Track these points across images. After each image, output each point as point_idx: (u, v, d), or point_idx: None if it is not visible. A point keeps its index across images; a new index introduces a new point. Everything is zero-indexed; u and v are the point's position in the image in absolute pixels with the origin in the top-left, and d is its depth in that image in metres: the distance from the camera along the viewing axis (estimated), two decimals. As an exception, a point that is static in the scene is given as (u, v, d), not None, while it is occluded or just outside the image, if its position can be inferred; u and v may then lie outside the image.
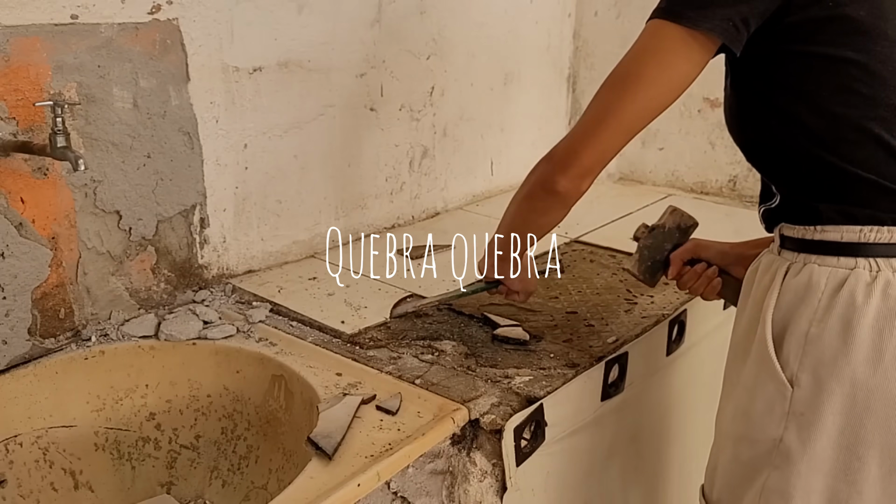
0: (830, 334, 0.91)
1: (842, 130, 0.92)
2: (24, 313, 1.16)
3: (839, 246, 0.93)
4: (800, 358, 0.93)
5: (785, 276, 0.97)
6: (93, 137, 1.19)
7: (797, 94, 0.94)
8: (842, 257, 0.93)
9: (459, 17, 1.80)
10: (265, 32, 1.41)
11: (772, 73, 0.95)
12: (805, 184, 0.97)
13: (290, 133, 1.50)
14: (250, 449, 1.22)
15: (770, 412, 0.96)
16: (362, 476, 0.91)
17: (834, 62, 0.91)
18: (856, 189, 0.93)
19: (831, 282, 0.92)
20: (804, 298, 0.94)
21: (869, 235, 0.92)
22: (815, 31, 0.91)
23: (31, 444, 1.14)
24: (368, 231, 1.73)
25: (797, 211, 0.98)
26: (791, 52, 0.93)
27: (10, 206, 1.12)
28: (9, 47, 1.08)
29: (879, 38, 0.90)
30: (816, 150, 0.94)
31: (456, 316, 1.33)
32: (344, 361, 1.17)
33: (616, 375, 1.24)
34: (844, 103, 0.91)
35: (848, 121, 0.91)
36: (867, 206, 0.92)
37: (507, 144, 2.06)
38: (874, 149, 0.91)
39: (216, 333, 1.24)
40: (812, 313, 0.93)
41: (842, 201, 0.94)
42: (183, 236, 1.35)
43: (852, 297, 0.91)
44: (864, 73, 0.90)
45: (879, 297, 0.90)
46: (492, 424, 1.04)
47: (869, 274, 0.91)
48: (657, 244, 1.22)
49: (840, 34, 0.90)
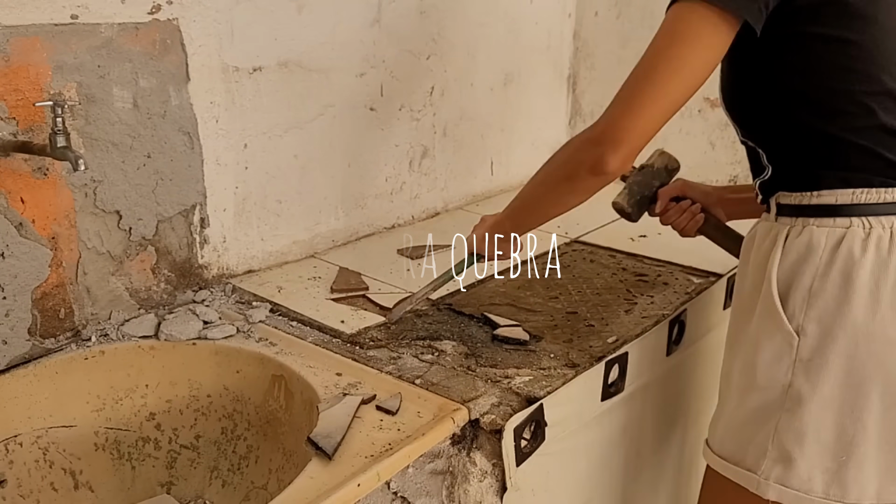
0: (832, 286, 1.01)
1: (840, 103, 1.01)
2: (24, 313, 1.16)
3: (834, 208, 1.03)
4: (805, 310, 1.03)
5: (786, 239, 1.05)
6: (93, 137, 1.19)
7: (801, 72, 1.03)
8: (838, 218, 1.02)
9: (459, 17, 1.80)
10: (265, 32, 1.41)
11: (779, 53, 1.03)
12: (804, 152, 1.05)
13: (290, 133, 1.50)
14: (250, 449, 1.22)
15: (778, 361, 1.05)
16: (362, 476, 0.91)
17: (834, 42, 1.00)
18: (850, 155, 1.02)
19: (830, 240, 1.02)
20: (806, 257, 1.03)
21: (861, 196, 1.01)
22: (818, 13, 1.00)
23: (31, 444, 1.14)
24: (368, 231, 1.73)
25: (794, 179, 1.06)
26: (798, 33, 1.01)
27: (10, 206, 1.12)
28: (9, 47, 1.08)
29: (872, 22, 1.01)
30: (816, 122, 1.03)
31: (456, 316, 1.33)
32: (344, 361, 1.17)
33: (616, 375, 1.24)
34: (843, 79, 1.01)
35: (846, 95, 1.01)
36: (859, 170, 1.02)
37: (507, 144, 2.06)
38: (868, 119, 1.01)
39: (216, 333, 1.24)
40: (814, 269, 1.02)
41: (837, 167, 1.03)
42: (183, 236, 1.35)
43: (850, 252, 1.00)
44: (860, 52, 1.00)
45: (874, 251, 1.00)
46: (492, 424, 1.04)
47: (863, 231, 1.00)
48: (646, 181, 1.30)
49: (839, 17, 1.00)
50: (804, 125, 1.04)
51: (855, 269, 1.00)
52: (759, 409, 1.08)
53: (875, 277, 1.00)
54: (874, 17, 1.01)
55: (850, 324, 1.00)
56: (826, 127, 1.03)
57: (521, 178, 2.14)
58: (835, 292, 1.01)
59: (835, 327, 1.01)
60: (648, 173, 1.29)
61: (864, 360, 1.01)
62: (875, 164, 1.02)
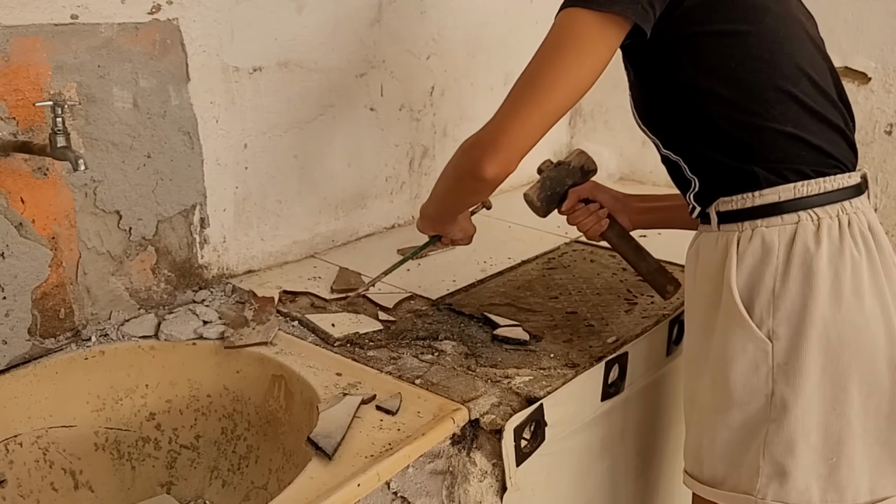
0: (795, 284, 0.99)
1: (756, 92, 1.01)
2: (24, 313, 1.16)
3: (779, 205, 1.02)
4: (772, 313, 1.01)
5: (738, 245, 1.03)
6: (93, 137, 1.19)
7: (708, 70, 1.02)
8: (785, 215, 1.01)
9: (459, 17, 1.80)
10: (265, 32, 1.41)
11: (680, 55, 1.03)
12: (735, 152, 1.04)
13: (290, 133, 1.50)
14: (250, 449, 1.22)
15: (755, 371, 1.02)
16: (362, 476, 0.91)
17: (733, 36, 1.01)
18: (778, 145, 1.02)
19: (783, 239, 1.01)
20: (763, 260, 1.01)
21: (802, 190, 1.01)
22: (711, 11, 1.01)
23: (31, 444, 1.14)
24: (368, 231, 1.73)
25: (728, 182, 1.05)
26: (695, 32, 1.01)
27: (10, 206, 1.12)
28: (9, 47, 1.08)
29: (766, 12, 1.03)
30: (736, 118, 1.02)
31: (456, 316, 1.33)
32: (344, 361, 1.17)
33: (616, 375, 1.24)
34: (752, 69, 1.01)
35: (759, 84, 1.01)
36: (791, 160, 1.02)
37: (507, 144, 2.06)
38: (787, 103, 1.02)
39: (216, 333, 1.24)
40: (774, 270, 1.01)
41: (769, 160, 1.02)
42: (183, 236, 1.35)
43: (806, 247, 1.00)
44: (761, 41, 1.01)
45: (827, 241, 0.99)
46: (492, 424, 1.04)
47: (812, 224, 1.00)
48: (560, 177, 1.29)
49: (732, 12, 1.01)
50: (725, 124, 1.03)
51: (814, 263, 0.99)
52: (743, 427, 1.04)
53: (834, 267, 0.99)
54: (766, 6, 1.03)
55: (819, 318, 0.99)
56: (748, 121, 1.02)
57: (520, 178, 2.13)
58: (798, 290, 0.99)
59: (805, 325, 0.99)
60: (563, 170, 1.29)
61: (837, 352, 0.99)
62: (805, 153, 1.02)
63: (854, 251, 1.00)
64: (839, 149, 1.05)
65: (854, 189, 1.04)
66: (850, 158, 1.07)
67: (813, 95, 1.03)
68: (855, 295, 0.99)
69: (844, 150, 1.06)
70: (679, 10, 1.00)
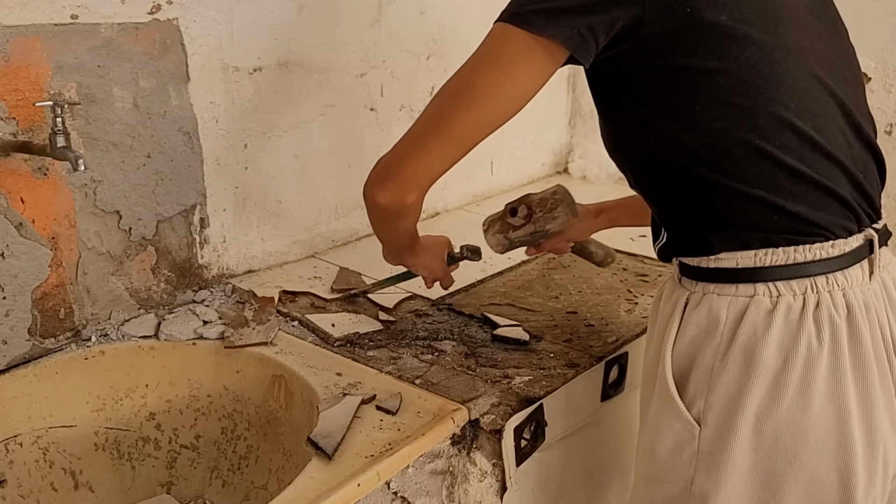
0: (734, 368, 0.87)
1: (721, 146, 0.85)
2: (24, 313, 1.16)
3: (736, 273, 0.88)
4: (705, 395, 0.88)
5: (685, 309, 0.92)
6: (93, 137, 1.19)
7: (667, 112, 0.87)
8: (740, 284, 0.88)
9: (459, 17, 1.80)
10: (265, 32, 1.41)
11: (637, 92, 0.88)
12: (693, 209, 0.90)
13: (290, 133, 1.50)
14: (250, 449, 1.22)
15: (679, 452, 0.91)
16: (362, 476, 0.91)
17: (699, 74, 0.84)
18: (744, 209, 0.87)
19: (732, 312, 0.87)
20: (707, 332, 0.89)
21: (765, 259, 0.87)
22: (674, 42, 0.84)
23: (31, 444, 1.14)
24: (368, 231, 1.73)
25: (688, 243, 0.92)
26: (652, 67, 0.86)
27: (10, 206, 1.12)
28: (9, 47, 1.08)
29: (746, 44, 0.84)
30: (698, 169, 0.87)
31: (456, 316, 1.33)
32: (344, 361, 1.17)
33: (616, 375, 1.24)
34: (719, 117, 0.85)
35: (726, 135, 0.85)
36: (758, 228, 0.87)
37: (507, 144, 2.06)
38: (758, 162, 0.85)
39: (216, 333, 1.24)
40: (716, 347, 0.88)
41: (731, 226, 0.88)
42: (183, 236, 1.35)
43: (753, 328, 0.86)
44: (734, 82, 0.84)
45: (781, 325, 0.85)
46: (492, 424, 1.04)
47: (770, 300, 0.86)
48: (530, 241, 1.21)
49: (701, 43, 0.84)
50: (683, 177, 0.88)
51: (758, 348, 0.85)
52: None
53: (783, 356, 0.85)
54: (748, 36, 0.84)
55: (753, 411, 0.85)
56: (709, 177, 0.86)
57: (521, 178, 2.14)
58: (736, 375, 0.86)
59: (736, 416, 0.86)
60: (539, 235, 1.17)
61: (770, 453, 0.86)
62: (776, 219, 0.86)
63: (814, 340, 0.84)
64: (827, 213, 0.87)
65: (840, 260, 0.87)
66: (842, 224, 0.88)
67: (798, 151, 0.85)
68: (802, 392, 0.84)
69: (836, 215, 0.87)
70: (631, 41, 0.84)
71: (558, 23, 0.84)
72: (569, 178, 2.22)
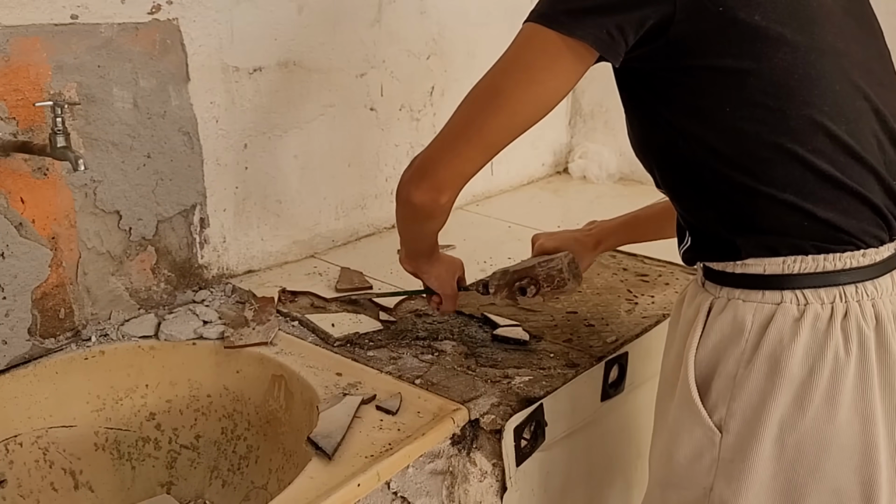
0: (758, 376, 0.85)
1: (751, 148, 0.84)
2: (24, 313, 1.16)
3: (763, 279, 0.86)
4: (727, 402, 0.87)
5: (709, 313, 0.90)
6: (93, 137, 1.19)
7: (697, 113, 0.86)
8: (767, 291, 0.86)
9: (459, 17, 1.80)
10: (265, 32, 1.41)
11: (666, 92, 0.87)
12: (720, 213, 0.89)
13: (290, 133, 1.50)
14: (250, 449, 1.22)
15: (699, 459, 0.90)
16: (362, 476, 0.91)
17: (730, 74, 0.83)
18: (773, 214, 0.85)
19: (757, 319, 0.86)
20: (731, 338, 0.88)
21: (793, 266, 0.85)
22: (705, 41, 0.83)
23: (31, 444, 1.14)
24: (368, 231, 1.73)
25: (714, 247, 0.91)
26: (682, 66, 0.84)
27: (10, 206, 1.12)
28: (9, 47, 1.08)
29: (780, 45, 0.82)
30: (727, 171, 0.85)
31: (456, 316, 1.33)
32: (344, 361, 1.17)
33: (616, 375, 1.24)
34: (750, 119, 0.83)
35: (757, 138, 0.83)
36: (787, 234, 0.85)
37: (507, 144, 2.06)
38: (790, 166, 0.83)
39: (216, 333, 1.24)
40: (740, 354, 0.87)
41: (760, 231, 0.86)
42: (183, 236, 1.35)
43: (780, 336, 0.84)
44: (766, 84, 0.82)
45: (808, 334, 0.83)
46: (492, 424, 1.04)
47: (797, 308, 0.84)
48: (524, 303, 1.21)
49: (733, 43, 0.82)
50: (712, 179, 0.87)
51: (784, 357, 0.83)
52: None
53: (808, 366, 0.83)
54: (783, 37, 0.82)
55: (777, 420, 0.84)
56: (739, 180, 0.85)
57: (521, 178, 2.14)
58: (760, 383, 0.85)
59: (759, 424, 0.84)
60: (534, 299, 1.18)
61: (793, 463, 0.84)
62: (807, 225, 0.84)
63: (841, 351, 0.83)
64: (859, 221, 0.85)
65: (870, 270, 0.85)
66: (873, 232, 0.86)
67: (831, 155, 0.83)
68: (828, 403, 0.83)
69: (867, 223, 0.85)
70: (662, 39, 0.82)
71: (587, 23, 0.83)
72: (569, 178, 2.22)
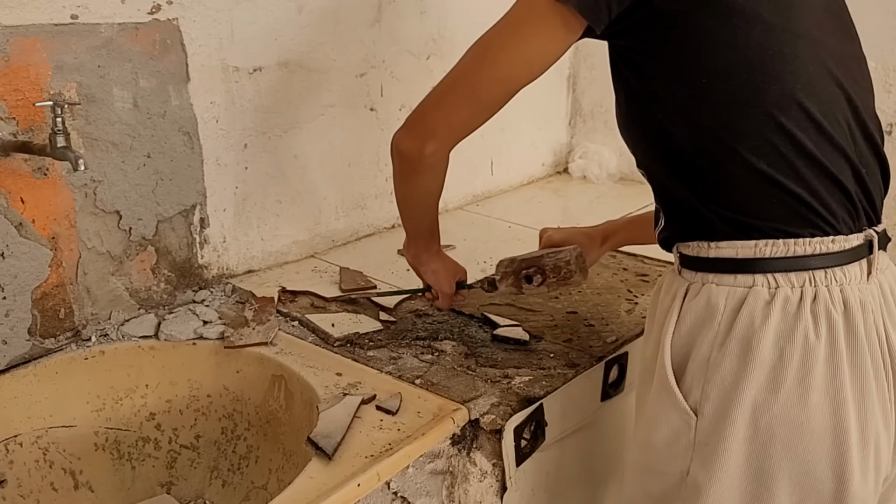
0: (731, 358, 0.86)
1: (728, 118, 0.86)
2: (24, 313, 1.16)
3: (736, 263, 0.88)
4: (702, 385, 0.88)
5: (685, 299, 0.92)
6: (93, 137, 1.19)
7: (675, 83, 0.88)
8: (739, 275, 0.87)
9: (459, 17, 1.80)
10: (265, 32, 1.41)
11: (647, 65, 0.90)
12: (695, 184, 0.90)
13: (290, 133, 1.50)
14: (250, 449, 1.22)
15: (675, 443, 0.91)
16: (362, 476, 0.91)
17: (708, 47, 0.86)
18: (746, 185, 0.87)
19: (730, 302, 0.87)
20: (705, 321, 0.89)
21: (765, 250, 0.86)
22: (685, 14, 0.86)
23: (31, 444, 1.14)
24: (368, 231, 1.73)
25: (688, 225, 0.92)
26: (663, 38, 0.87)
27: (10, 206, 1.12)
28: (9, 47, 1.08)
29: (756, 22, 0.85)
30: (703, 141, 0.87)
31: (456, 316, 1.33)
32: (344, 361, 1.17)
33: (616, 375, 1.24)
34: (726, 89, 0.86)
35: (732, 107, 0.85)
36: (762, 216, 0.87)
37: (507, 144, 2.06)
38: (766, 136, 0.85)
39: (216, 333, 1.24)
40: (713, 337, 0.88)
41: (733, 205, 0.88)
42: (183, 236, 1.35)
43: (751, 319, 0.86)
44: (740, 57, 0.85)
45: (779, 316, 0.85)
46: (492, 424, 1.04)
47: (768, 291, 0.86)
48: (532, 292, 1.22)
49: (711, 16, 0.85)
50: (688, 148, 0.88)
51: (755, 339, 0.85)
52: (660, 498, 0.94)
53: (779, 348, 0.85)
54: (757, 16, 0.85)
55: (749, 402, 0.85)
56: (715, 149, 0.86)
57: (521, 178, 2.14)
58: (732, 365, 0.86)
59: (732, 406, 0.86)
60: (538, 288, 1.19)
61: (766, 445, 0.85)
62: (777, 202, 0.86)
63: (811, 333, 0.84)
64: (829, 202, 0.87)
65: (839, 256, 0.87)
66: (842, 217, 0.88)
67: (806, 129, 0.85)
68: (799, 385, 0.84)
69: (837, 205, 0.87)
70: (646, 9, 0.86)
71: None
72: (569, 178, 2.22)
